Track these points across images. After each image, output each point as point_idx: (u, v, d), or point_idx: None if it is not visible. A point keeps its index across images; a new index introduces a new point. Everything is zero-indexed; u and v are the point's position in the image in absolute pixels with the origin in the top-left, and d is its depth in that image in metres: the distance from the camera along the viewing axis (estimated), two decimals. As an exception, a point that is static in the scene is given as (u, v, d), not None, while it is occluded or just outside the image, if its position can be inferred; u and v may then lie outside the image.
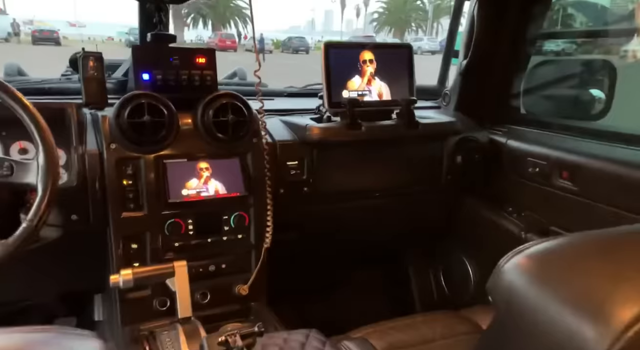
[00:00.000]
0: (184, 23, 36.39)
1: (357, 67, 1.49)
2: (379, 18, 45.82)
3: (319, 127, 1.44)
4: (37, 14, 40.19)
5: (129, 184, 1.23)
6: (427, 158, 1.64)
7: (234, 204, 1.33)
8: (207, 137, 1.30)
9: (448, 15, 15.79)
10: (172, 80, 1.33)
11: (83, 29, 33.40)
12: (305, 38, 32.13)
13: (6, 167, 0.95)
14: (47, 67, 1.34)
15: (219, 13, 36.36)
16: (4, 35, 22.69)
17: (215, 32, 34.33)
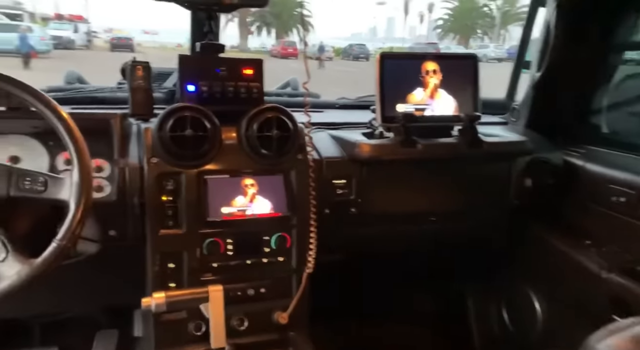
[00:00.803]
0: (249, 31, 37.49)
1: (419, 78, 1.37)
2: (444, 24, 44.86)
3: (370, 144, 1.33)
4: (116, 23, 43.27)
5: (168, 199, 1.18)
6: (491, 180, 1.48)
7: (275, 224, 1.25)
8: (251, 152, 1.24)
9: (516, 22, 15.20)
10: (217, 92, 1.27)
11: (156, 36, 35.34)
12: (366, 45, 32.05)
13: (40, 182, 0.93)
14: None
15: (283, 21, 37.08)
16: (85, 42, 24.38)
17: (278, 39, 35.07)
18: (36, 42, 16.65)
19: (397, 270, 1.67)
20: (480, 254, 1.68)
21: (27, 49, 13.64)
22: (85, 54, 20.92)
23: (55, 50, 18.41)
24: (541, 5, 1.56)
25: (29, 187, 0.91)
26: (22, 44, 13.78)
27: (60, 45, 20.13)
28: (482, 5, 41.96)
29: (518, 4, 38.67)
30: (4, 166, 0.92)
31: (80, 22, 27.27)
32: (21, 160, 1.19)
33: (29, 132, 1.19)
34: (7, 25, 17.17)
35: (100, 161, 1.20)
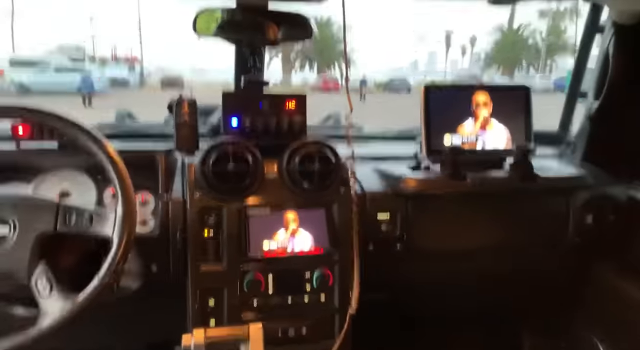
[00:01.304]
0: (292, 67, 38.58)
1: (469, 110, 1.32)
2: (486, 57, 44.49)
3: (416, 178, 1.28)
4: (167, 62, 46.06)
5: (210, 234, 1.18)
6: (547, 216, 1.38)
7: (317, 261, 1.21)
8: (292, 186, 1.22)
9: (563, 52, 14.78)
10: (260, 126, 1.28)
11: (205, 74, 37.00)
12: (407, 78, 32.14)
13: (86, 217, 0.94)
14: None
15: (325, 57, 37.97)
16: (138, 81, 25.83)
17: (319, 74, 35.84)
18: (94, 83, 17.83)
19: (446, 310, 1.57)
20: (537, 293, 1.56)
21: (88, 89, 14.53)
22: (138, 92, 22.11)
23: (111, 89, 19.57)
24: (598, 31, 1.49)
25: (75, 222, 0.93)
26: (84, 85, 14.70)
27: (115, 84, 21.39)
28: (526, 37, 41.45)
29: (565, 34, 37.93)
30: (52, 202, 0.94)
31: (135, 63, 29.00)
32: (71, 195, 1.22)
33: (79, 167, 1.23)
34: (69, 67, 18.49)
35: (145, 195, 1.21)
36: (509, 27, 41.22)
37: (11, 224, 0.89)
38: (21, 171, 1.19)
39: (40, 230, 0.90)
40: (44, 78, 17.26)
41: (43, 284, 0.88)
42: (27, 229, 0.90)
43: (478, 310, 1.62)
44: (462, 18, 74.41)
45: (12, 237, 0.89)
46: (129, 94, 20.06)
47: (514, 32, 41.43)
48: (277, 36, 1.38)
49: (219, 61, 13.25)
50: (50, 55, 23.15)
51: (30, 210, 0.92)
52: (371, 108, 12.94)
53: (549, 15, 36.81)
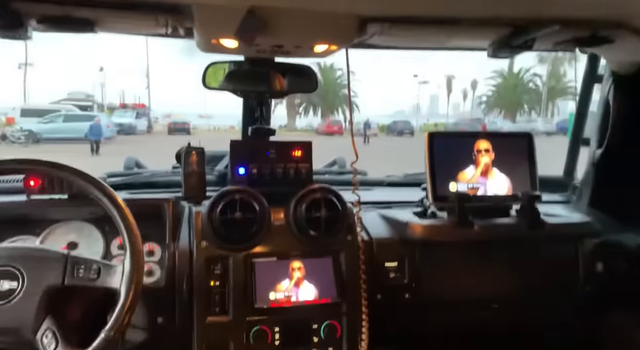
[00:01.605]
0: (296, 112, 39.33)
1: (471, 157, 1.34)
2: (488, 101, 45.24)
3: (423, 225, 1.28)
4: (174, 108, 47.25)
5: (216, 285, 1.16)
6: (557, 264, 1.36)
7: (324, 312, 1.18)
8: (299, 234, 1.21)
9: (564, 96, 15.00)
10: (267, 173, 1.29)
11: (211, 119, 37.70)
12: (410, 121, 32.60)
13: (94, 270, 0.93)
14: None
15: (329, 102, 38.77)
16: (145, 127, 26.32)
17: (323, 118, 36.44)
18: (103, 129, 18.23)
19: None
20: (550, 344, 1.51)
21: (96, 137, 14.50)
22: (145, 138, 22.48)
23: (118, 135, 19.94)
24: (596, 82, 1.52)
25: (82, 275, 0.92)
26: (92, 133, 14.68)
27: (123, 130, 21.80)
28: (527, 81, 42.29)
29: (565, 78, 38.67)
30: (60, 254, 0.94)
31: (142, 110, 29.65)
32: (78, 246, 1.22)
33: (86, 218, 1.24)
34: (78, 115, 18.94)
35: (152, 245, 1.21)
36: (509, 71, 42.16)
37: (20, 278, 0.88)
38: (30, 223, 1.20)
39: (48, 284, 0.89)
40: (53, 126, 17.66)
41: (49, 339, 0.86)
42: (35, 282, 0.89)
43: None
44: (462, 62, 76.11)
45: (20, 291, 0.88)
46: (136, 140, 20.41)
47: (515, 76, 42.32)
48: (284, 88, 1.42)
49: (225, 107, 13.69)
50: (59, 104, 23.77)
51: (38, 263, 0.91)
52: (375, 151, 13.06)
53: (548, 61, 37.72)
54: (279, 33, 1.03)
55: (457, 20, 1.07)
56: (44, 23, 0.99)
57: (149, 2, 0.97)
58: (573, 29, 1.10)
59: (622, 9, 1.03)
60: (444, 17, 1.07)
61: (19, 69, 33.27)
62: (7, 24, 0.94)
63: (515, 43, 1.12)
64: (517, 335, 1.46)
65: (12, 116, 20.23)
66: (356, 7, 1.01)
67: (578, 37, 1.14)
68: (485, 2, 0.98)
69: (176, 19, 1.03)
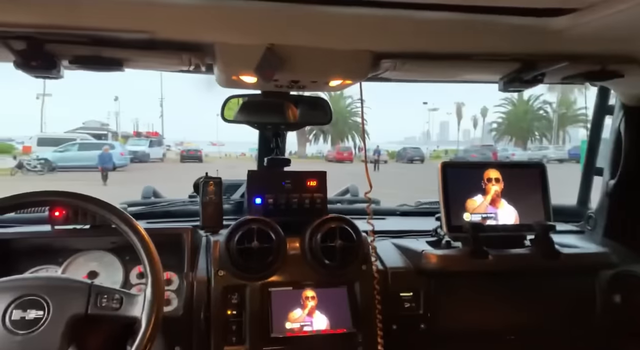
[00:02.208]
0: (307, 139, 39.63)
1: (481, 185, 1.35)
2: (498, 128, 45.23)
3: (437, 255, 1.28)
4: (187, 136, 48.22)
5: (233, 314, 1.17)
6: (573, 295, 1.35)
7: (340, 342, 1.19)
8: (314, 263, 1.23)
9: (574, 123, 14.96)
10: (283, 204, 1.32)
11: (222, 147, 38.21)
12: (420, 148, 32.62)
13: (116, 299, 0.94)
14: (187, 180, 1.45)
15: (338, 129, 39.07)
16: (158, 155, 26.70)
17: (334, 145, 36.65)
18: (116, 157, 18.52)
19: None
20: None
21: (105, 165, 14.38)
22: (158, 165, 22.75)
23: (132, 163, 20.22)
24: (607, 113, 1.54)
25: (105, 304, 0.93)
26: (101, 161, 14.59)
27: (136, 158, 22.11)
28: (537, 109, 42.29)
29: (575, 106, 38.65)
30: (85, 284, 0.95)
31: (156, 138, 30.10)
32: (99, 275, 1.24)
33: (107, 247, 1.26)
34: (93, 144, 19.29)
35: (170, 274, 1.23)
36: (519, 98, 42.22)
37: (46, 308, 0.90)
38: (53, 252, 1.23)
39: (73, 313, 0.90)
40: (69, 155, 18.00)
41: None
42: (60, 311, 0.90)
43: None
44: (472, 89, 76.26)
45: (46, 320, 0.89)
46: (149, 167, 20.66)
47: (525, 103, 42.35)
48: (297, 119, 1.46)
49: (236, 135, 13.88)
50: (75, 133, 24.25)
51: (63, 292, 0.93)
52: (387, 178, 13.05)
53: (558, 88, 37.83)
54: (297, 69, 1.07)
55: (468, 55, 1.11)
56: (76, 63, 1.05)
57: (174, 42, 1.02)
58: (582, 64, 1.13)
59: (632, 44, 1.05)
60: (455, 53, 1.10)
61: (37, 99, 34.23)
62: (42, 65, 1.00)
63: (526, 77, 1.15)
64: None
65: (29, 145, 20.70)
66: (370, 44, 1.05)
67: (587, 71, 1.17)
68: (495, 39, 1.01)
69: (199, 56, 1.08)
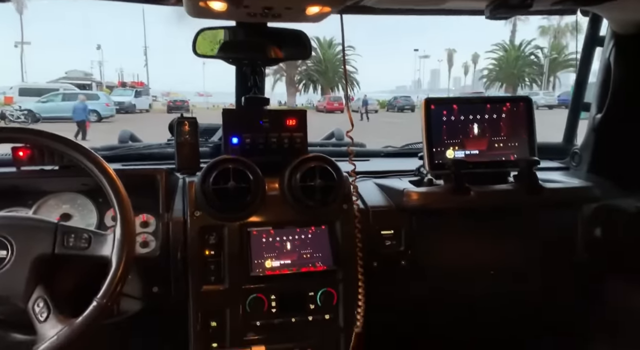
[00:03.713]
0: (296, 89, 38.99)
1: (465, 122, 1.31)
2: (489, 74, 44.73)
3: (419, 192, 1.26)
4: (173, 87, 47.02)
5: (211, 254, 1.16)
6: (555, 230, 1.35)
7: (321, 279, 1.18)
8: (294, 203, 1.20)
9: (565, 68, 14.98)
10: (261, 143, 1.27)
11: (210, 97, 37.50)
12: (411, 97, 32.30)
13: (84, 239, 0.93)
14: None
15: (328, 78, 38.40)
16: (144, 106, 26.18)
17: (324, 95, 36.17)
18: (102, 108, 18.14)
19: (452, 329, 1.52)
20: (548, 313, 1.52)
21: (81, 118, 13.34)
22: (144, 116, 22.36)
23: (118, 114, 19.85)
24: (598, 45, 1.48)
25: (73, 244, 0.91)
26: (76, 114, 13.46)
27: (122, 109, 21.68)
28: (528, 54, 41.70)
29: (566, 50, 38.14)
30: (51, 223, 0.93)
31: (141, 88, 29.41)
32: (72, 218, 1.21)
33: (79, 189, 1.22)
34: (77, 94, 18.79)
35: (146, 216, 1.20)
36: (510, 43, 41.54)
37: (9, 247, 0.88)
38: (21, 195, 1.19)
39: (38, 253, 0.89)
40: (52, 105, 17.55)
41: (40, 308, 0.86)
42: (25, 251, 0.89)
43: (485, 330, 1.57)
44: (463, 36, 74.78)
45: (10, 260, 0.87)
46: (136, 118, 20.32)
47: (516, 48, 41.73)
48: (277, 55, 1.39)
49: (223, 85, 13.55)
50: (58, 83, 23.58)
51: (28, 232, 0.91)
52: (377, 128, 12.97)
53: (550, 32, 37.13)
54: None
55: None
56: None
57: None
58: None
59: None
60: None
61: (16, 47, 32.96)
62: None
63: (513, 2, 1.08)
64: (513, 304, 1.46)
65: (11, 95, 20.11)
66: None
67: None
68: None
69: None
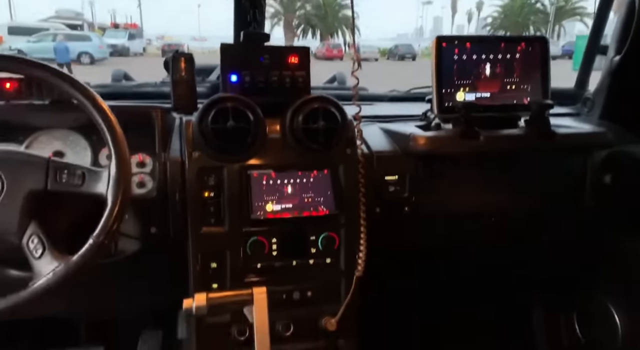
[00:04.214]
0: (294, 34, 37.88)
1: (479, 64, 1.24)
2: (493, 22, 43.41)
3: (426, 136, 1.21)
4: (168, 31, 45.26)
5: (210, 195, 1.12)
6: (563, 177, 1.32)
7: (322, 224, 1.16)
8: (296, 146, 1.16)
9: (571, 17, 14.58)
10: (261, 81, 1.20)
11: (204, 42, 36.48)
12: (412, 45, 31.49)
13: (78, 175, 0.89)
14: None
15: (328, 24, 37.22)
16: (138, 49, 25.45)
17: (323, 41, 35.16)
18: (94, 50, 17.62)
19: (455, 276, 1.53)
20: (550, 260, 1.52)
21: (64, 60, 12.56)
22: (138, 60, 21.79)
23: (111, 57, 19.31)
24: None
25: (66, 180, 0.88)
26: (59, 55, 12.57)
27: (115, 52, 21.08)
28: (534, 1, 40.28)
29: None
30: (42, 158, 0.89)
31: (135, 30, 28.46)
32: (65, 155, 1.17)
33: (72, 126, 1.17)
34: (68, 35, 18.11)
35: (143, 156, 1.16)
36: (516, -11, 40.07)
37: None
38: (11, 130, 1.14)
39: (30, 188, 0.86)
40: (43, 46, 16.97)
41: (35, 244, 0.84)
42: (16, 186, 0.85)
43: (488, 277, 1.58)
44: (469, -19, 72.01)
45: (0, 195, 0.84)
46: (130, 61, 19.82)
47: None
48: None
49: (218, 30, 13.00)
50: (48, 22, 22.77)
51: (19, 167, 0.87)
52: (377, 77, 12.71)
53: (558, -23, 35.72)
54: None
55: None
56: None
57: None
58: None
59: None
60: None
61: (2, -15, 31.56)
62: None
63: None
64: (517, 251, 1.46)
65: (0, 34, 19.43)
66: None
67: None
68: None
69: None
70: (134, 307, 1.50)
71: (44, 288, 0.82)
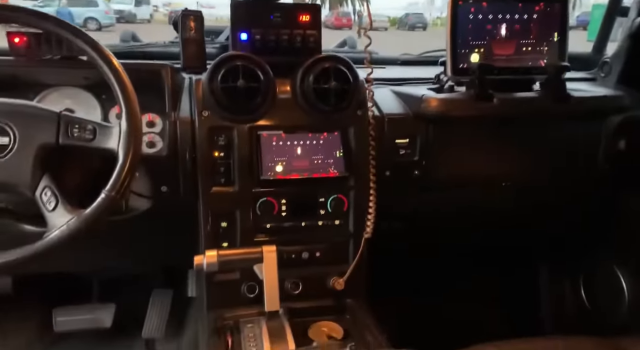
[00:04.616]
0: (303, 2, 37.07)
1: (495, 23, 1.21)
2: (508, -10, 42.17)
3: (439, 98, 1.19)
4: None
5: (220, 156, 1.12)
6: (578, 142, 1.30)
7: (332, 185, 1.16)
8: (307, 107, 1.14)
9: (589, -15, 13.60)
10: (271, 40, 1.18)
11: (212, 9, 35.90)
12: (423, 14, 30.71)
13: (89, 130, 0.89)
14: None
15: (337, -9, 36.34)
16: (147, 16, 25.09)
17: (332, 11, 34.40)
18: (101, 16, 17.38)
19: (463, 242, 1.54)
20: (559, 224, 1.51)
21: None
22: (146, 26, 21.49)
23: (117, 23, 19.06)
24: None
25: (77, 135, 0.88)
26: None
27: (122, 18, 20.77)
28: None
29: (592, -36, 35.58)
30: (53, 113, 0.89)
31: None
32: (75, 113, 1.16)
33: (81, 84, 1.17)
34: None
35: (152, 116, 1.15)
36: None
37: (11, 134, 0.85)
38: (21, 86, 1.13)
39: (42, 142, 0.86)
40: (50, 11, 16.78)
41: (48, 197, 0.85)
42: (27, 139, 0.86)
43: (497, 241, 1.58)
44: (484, -52, 69.12)
45: (13, 148, 0.85)
46: (137, 28, 19.58)
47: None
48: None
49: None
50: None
51: (30, 120, 0.88)
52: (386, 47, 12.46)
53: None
54: None
55: None
56: None
57: None
58: None
59: None
60: None
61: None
62: None
63: None
64: (527, 216, 1.45)
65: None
66: None
67: None
68: None
69: None
70: (145, 265, 1.53)
71: (59, 240, 0.84)
